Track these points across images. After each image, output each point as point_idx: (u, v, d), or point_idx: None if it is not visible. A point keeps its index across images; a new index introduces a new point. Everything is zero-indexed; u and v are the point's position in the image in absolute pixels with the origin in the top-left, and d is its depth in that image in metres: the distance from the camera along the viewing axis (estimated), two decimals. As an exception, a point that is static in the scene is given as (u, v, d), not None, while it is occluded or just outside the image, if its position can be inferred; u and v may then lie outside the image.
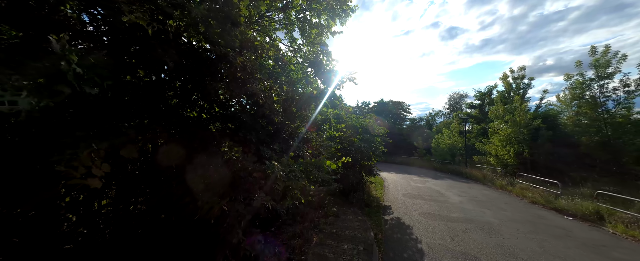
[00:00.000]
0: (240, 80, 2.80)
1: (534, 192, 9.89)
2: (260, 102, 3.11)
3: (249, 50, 2.89)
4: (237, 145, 3.11)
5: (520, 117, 13.03)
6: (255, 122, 3.42)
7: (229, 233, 2.51)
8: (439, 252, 4.83)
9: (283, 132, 4.05)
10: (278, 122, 3.79)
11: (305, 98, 4.25)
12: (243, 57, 2.81)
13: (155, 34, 1.85)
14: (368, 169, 9.85)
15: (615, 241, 5.72)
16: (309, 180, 3.53)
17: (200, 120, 3.05)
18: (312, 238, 5.14)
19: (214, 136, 2.91)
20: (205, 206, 2.42)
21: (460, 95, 43.06)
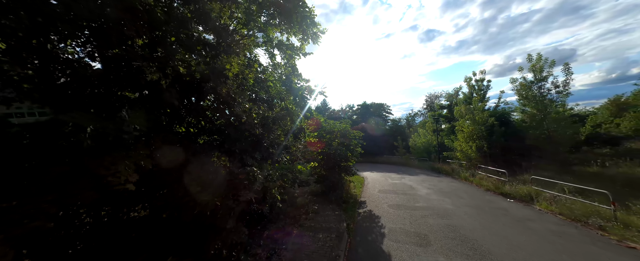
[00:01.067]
0: (227, 105, 3.68)
1: (489, 181, 11.44)
2: (243, 120, 3.99)
3: (233, 79, 3.77)
4: (224, 154, 3.96)
5: (479, 115, 14.83)
6: (239, 135, 4.28)
7: (222, 222, 3.35)
8: (397, 234, 5.90)
9: (263, 142, 4.93)
10: (258, 133, 4.67)
11: (282, 114, 5.18)
12: (227, 86, 3.69)
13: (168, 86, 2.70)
14: (346, 169, 10.89)
15: (538, 215, 7.15)
16: (283, 181, 4.43)
17: (188, 134, 3.85)
18: (293, 232, 6.02)
19: (203, 147, 3.74)
20: (202, 203, 3.25)
21: (436, 95, 46.05)
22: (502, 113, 16.79)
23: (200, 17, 2.96)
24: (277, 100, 5.41)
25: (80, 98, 2.29)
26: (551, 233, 5.69)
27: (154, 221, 3.20)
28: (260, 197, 4.00)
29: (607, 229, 5.68)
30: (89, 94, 2.34)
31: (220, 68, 3.06)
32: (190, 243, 3.34)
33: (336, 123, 11.28)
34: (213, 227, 3.35)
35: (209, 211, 3.23)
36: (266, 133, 4.68)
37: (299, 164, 5.05)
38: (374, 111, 45.46)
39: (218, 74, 3.03)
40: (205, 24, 3.08)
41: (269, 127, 4.57)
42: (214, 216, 3.33)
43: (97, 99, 2.37)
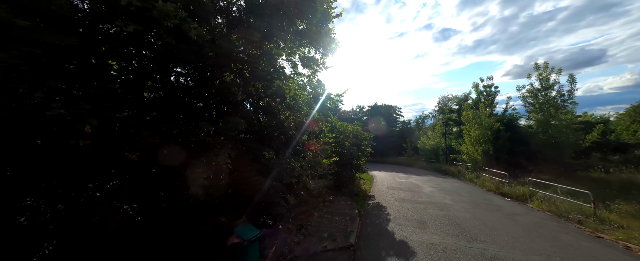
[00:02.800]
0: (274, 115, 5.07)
1: (491, 182, 12.29)
2: (286, 125, 5.37)
3: (281, 97, 5.16)
4: (269, 150, 5.36)
5: (485, 120, 15.55)
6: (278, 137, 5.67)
7: (272, 197, 4.75)
8: (400, 219, 7.11)
9: (292, 142, 6.31)
10: (291, 135, 6.05)
11: (300, 121, 6.54)
12: (276, 103, 5.09)
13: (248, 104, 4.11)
14: (357, 167, 12.14)
15: (528, 211, 8.09)
16: (312, 171, 5.79)
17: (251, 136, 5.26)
18: (314, 214, 7.38)
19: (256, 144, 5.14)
20: (258, 183, 4.65)
21: (448, 97, 46.06)
22: (509, 119, 17.35)
23: (264, 55, 4.35)
24: (306, 108, 6.78)
25: (202, 112, 3.73)
26: (533, 224, 6.69)
27: (226, 196, 4.64)
28: (296, 181, 5.36)
29: (584, 223, 6.61)
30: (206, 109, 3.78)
31: (281, 92, 4.45)
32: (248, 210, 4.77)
33: (349, 125, 12.54)
34: (264, 201, 4.75)
35: (264, 188, 4.63)
36: (298, 135, 6.06)
37: (323, 158, 6.38)
38: (384, 112, 46.09)
39: (280, 96, 4.42)
40: (268, 61, 4.47)
41: (301, 130, 5.94)
42: (267, 193, 4.73)
43: (211, 111, 3.81)
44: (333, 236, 5.75)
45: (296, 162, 5.26)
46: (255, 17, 4.43)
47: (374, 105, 47.53)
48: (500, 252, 4.97)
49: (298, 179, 5.53)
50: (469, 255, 4.87)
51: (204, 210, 3.94)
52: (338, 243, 5.42)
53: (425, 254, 4.92)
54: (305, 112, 6.97)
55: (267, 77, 4.32)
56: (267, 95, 4.47)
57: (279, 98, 4.90)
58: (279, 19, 4.55)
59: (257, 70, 4.27)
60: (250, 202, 4.75)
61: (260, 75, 4.30)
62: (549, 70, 13.51)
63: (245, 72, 4.14)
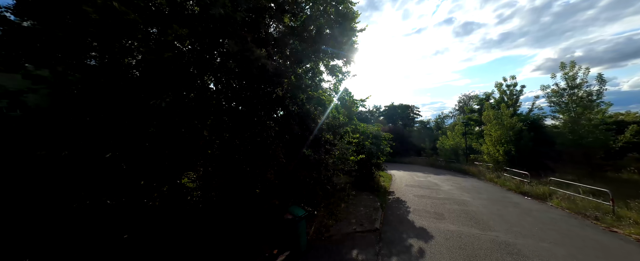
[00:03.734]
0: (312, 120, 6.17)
1: (512, 182, 12.44)
2: (321, 127, 6.44)
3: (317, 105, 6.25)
4: (308, 149, 6.46)
5: (507, 121, 15.52)
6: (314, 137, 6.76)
7: (310, 187, 5.84)
8: (419, 212, 7.89)
9: (326, 143, 7.38)
10: (324, 136, 7.12)
11: (337, 124, 7.56)
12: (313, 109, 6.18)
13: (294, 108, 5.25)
14: (377, 165, 12.95)
15: (546, 209, 8.42)
16: (343, 165, 6.82)
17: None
18: (341, 205, 8.40)
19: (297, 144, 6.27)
20: (304, 174, 5.76)
21: (470, 96, 44.67)
22: (534, 119, 17.05)
23: (308, 72, 5.46)
24: (335, 112, 7.81)
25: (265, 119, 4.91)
26: (548, 219, 7.13)
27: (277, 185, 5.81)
28: (332, 174, 6.42)
29: (601, 219, 6.93)
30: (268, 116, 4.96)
31: (318, 101, 5.53)
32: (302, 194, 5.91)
33: (369, 126, 13.37)
34: (303, 189, 5.86)
35: (303, 179, 5.74)
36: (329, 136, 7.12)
37: (351, 156, 7.38)
38: (401, 112, 45.86)
39: (317, 104, 5.50)
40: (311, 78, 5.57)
41: (334, 131, 6.99)
42: (306, 183, 5.84)
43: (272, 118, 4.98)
44: (360, 222, 6.73)
45: (329, 158, 6.30)
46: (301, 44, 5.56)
47: (390, 105, 47.48)
48: (511, 239, 5.62)
49: (330, 173, 6.58)
50: (481, 240, 5.59)
51: (264, 194, 5.13)
52: (365, 227, 6.39)
53: (442, 238, 5.72)
54: (333, 115, 8.02)
55: (307, 90, 5.40)
56: (308, 103, 5.57)
57: (315, 105, 5.99)
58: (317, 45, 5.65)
59: (301, 84, 5.38)
60: (294, 190, 5.89)
61: (303, 88, 5.41)
62: (575, 70, 13.28)
63: (293, 86, 5.27)
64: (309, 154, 6.16)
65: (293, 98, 5.18)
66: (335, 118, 7.55)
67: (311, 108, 6.16)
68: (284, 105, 5.14)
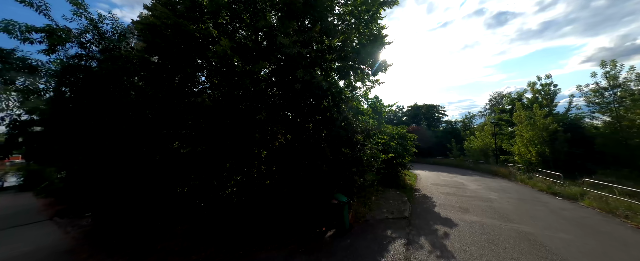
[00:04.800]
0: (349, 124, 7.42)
1: (544, 183, 12.38)
2: (356, 130, 7.67)
3: (354, 111, 7.50)
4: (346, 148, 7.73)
5: (540, 121, 15.17)
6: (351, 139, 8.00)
7: (348, 179, 7.09)
8: (445, 206, 8.70)
9: (358, 144, 8.58)
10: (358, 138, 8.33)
11: (368, 128, 8.72)
12: (350, 115, 7.43)
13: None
14: (403, 164, 13.76)
15: (576, 208, 8.63)
16: (375, 162, 7.96)
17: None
18: (372, 198, 9.52)
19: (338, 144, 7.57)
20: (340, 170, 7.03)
21: (502, 95, 42.24)
22: (571, 119, 16.33)
23: (348, 86, 6.74)
24: (366, 117, 8.97)
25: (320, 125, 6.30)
26: (575, 217, 7.49)
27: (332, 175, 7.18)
28: (364, 170, 7.60)
29: (631, 218, 7.13)
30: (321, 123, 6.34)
31: (354, 109, 6.77)
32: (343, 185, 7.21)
33: (395, 128, 14.22)
34: (343, 181, 7.13)
35: (346, 173, 7.00)
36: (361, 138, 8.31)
37: (382, 154, 8.48)
38: (425, 112, 44.96)
39: (353, 110, 6.75)
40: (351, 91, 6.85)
41: (366, 133, 8.17)
42: (345, 176, 7.09)
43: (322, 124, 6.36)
44: (391, 211, 7.82)
45: (362, 156, 7.47)
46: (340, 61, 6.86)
47: (413, 105, 46.77)
48: (531, 230, 6.29)
49: (363, 169, 7.77)
50: (503, 229, 6.34)
51: (315, 183, 6.51)
52: (395, 215, 7.47)
53: (466, 226, 6.58)
54: (365, 119, 9.19)
55: (347, 101, 6.65)
56: (346, 110, 6.83)
57: (352, 112, 7.23)
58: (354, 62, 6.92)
59: (342, 96, 6.67)
60: (337, 181, 7.20)
61: (343, 99, 6.70)
62: (617, 69, 12.73)
63: (335, 98, 6.59)
64: (347, 152, 7.43)
65: (336, 107, 6.49)
66: (366, 122, 8.71)
67: (349, 115, 7.42)
68: (330, 113, 6.47)
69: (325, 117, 6.61)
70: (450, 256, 4.80)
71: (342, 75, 7.27)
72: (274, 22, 6.82)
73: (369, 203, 8.79)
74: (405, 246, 5.24)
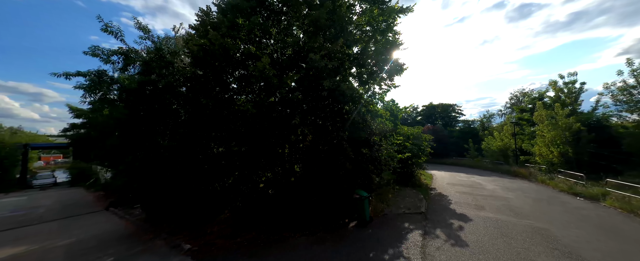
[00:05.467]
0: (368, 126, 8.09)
1: (565, 184, 12.22)
2: (374, 131, 8.32)
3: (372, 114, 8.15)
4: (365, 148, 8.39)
5: (562, 121, 14.82)
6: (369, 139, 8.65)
7: (367, 176, 7.75)
8: (460, 203, 9.07)
9: (375, 144, 9.20)
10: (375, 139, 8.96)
11: (385, 129, 9.31)
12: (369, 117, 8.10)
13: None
14: (418, 164, 14.11)
15: (596, 208, 8.64)
16: (392, 161, 8.56)
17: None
18: (389, 195, 10.09)
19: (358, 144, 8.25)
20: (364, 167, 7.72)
21: (524, 92, 40.53)
22: (597, 118, 15.77)
23: (368, 91, 7.42)
24: (383, 119, 9.57)
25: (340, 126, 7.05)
26: (593, 216, 7.60)
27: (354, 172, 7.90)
28: (381, 168, 8.23)
29: (653, 218, 7.15)
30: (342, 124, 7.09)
31: (373, 111, 7.43)
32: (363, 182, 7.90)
33: (411, 129, 14.61)
34: (362, 177, 7.80)
35: (366, 170, 7.67)
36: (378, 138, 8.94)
37: (398, 154, 9.04)
38: (441, 112, 44.13)
39: (371, 113, 7.42)
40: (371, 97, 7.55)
41: (384, 135, 8.79)
42: (365, 173, 7.76)
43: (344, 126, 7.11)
44: (408, 207, 8.37)
45: (380, 155, 8.09)
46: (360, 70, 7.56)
47: (429, 105, 46.03)
48: (545, 226, 6.59)
49: (381, 167, 8.39)
50: (517, 225, 6.70)
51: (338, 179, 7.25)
52: (412, 210, 8.02)
53: (480, 221, 7.00)
54: (380, 121, 9.78)
55: (367, 105, 7.32)
56: (366, 114, 7.50)
57: (370, 115, 7.89)
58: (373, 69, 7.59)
59: (362, 100, 7.37)
60: (358, 178, 7.89)
61: (363, 104, 7.38)
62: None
63: (355, 103, 7.30)
64: (366, 152, 8.10)
65: (356, 111, 7.20)
66: (383, 124, 9.32)
67: (368, 118, 8.09)
68: (350, 116, 7.19)
69: (347, 120, 7.34)
70: (464, 245, 5.33)
71: (361, 81, 7.96)
72: (301, 37, 7.68)
73: (387, 199, 9.37)
74: (422, 236, 5.83)
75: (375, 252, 5.04)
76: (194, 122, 6.82)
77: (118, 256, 5.53)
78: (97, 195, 14.89)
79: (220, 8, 8.11)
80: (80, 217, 10.06)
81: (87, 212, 10.95)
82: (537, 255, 4.85)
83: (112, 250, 6.00)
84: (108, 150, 7.80)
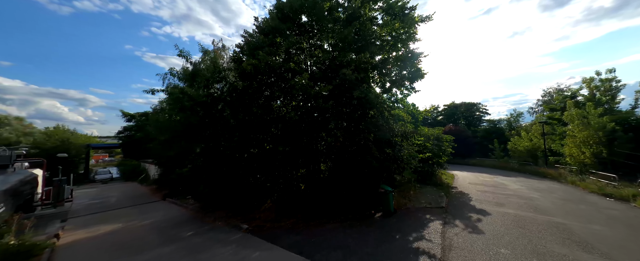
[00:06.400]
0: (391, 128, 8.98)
1: (597, 185, 11.96)
2: (396, 133, 9.19)
3: (394, 117, 9.05)
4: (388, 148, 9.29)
5: (595, 120, 14.29)
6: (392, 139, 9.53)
7: (391, 173, 8.65)
8: (480, 201, 9.57)
9: (396, 145, 10.04)
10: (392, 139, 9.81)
11: (406, 131, 10.11)
12: (391, 119, 8.99)
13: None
14: (439, 164, 14.56)
15: (626, 208, 8.64)
16: (413, 160, 9.36)
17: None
18: (410, 192, 10.85)
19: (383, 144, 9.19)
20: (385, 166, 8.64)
21: (558, 89, 37.97)
22: (638, 118, 14.91)
23: (391, 98, 8.35)
24: (404, 122, 10.36)
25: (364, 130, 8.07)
26: (621, 216, 7.74)
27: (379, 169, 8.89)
28: (403, 167, 9.10)
29: (684, 218, 7.17)
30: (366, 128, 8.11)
31: (395, 115, 8.32)
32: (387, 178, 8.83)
33: (431, 130, 15.08)
34: (386, 174, 8.70)
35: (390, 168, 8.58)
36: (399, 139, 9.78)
37: (419, 154, 9.79)
38: (465, 111, 42.73)
39: (393, 116, 8.32)
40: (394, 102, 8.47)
41: (405, 136, 9.62)
42: (389, 170, 8.66)
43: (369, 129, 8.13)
44: (429, 202, 9.12)
45: (402, 155, 8.92)
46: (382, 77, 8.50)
47: (451, 104, 44.81)
48: (565, 221, 7.00)
49: (404, 165, 9.22)
50: (535, 219, 7.18)
51: (365, 175, 8.26)
52: (433, 205, 8.76)
53: (499, 215, 7.58)
54: (402, 123, 10.58)
55: (390, 110, 8.24)
56: (389, 117, 8.43)
57: (393, 118, 8.79)
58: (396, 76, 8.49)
59: (385, 105, 8.30)
60: (381, 175, 8.83)
61: (386, 108, 8.31)
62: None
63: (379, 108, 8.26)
64: (388, 152, 9.01)
65: (380, 115, 8.16)
66: (404, 126, 10.13)
67: (390, 121, 8.99)
68: (375, 120, 8.16)
69: (372, 123, 8.33)
70: (480, 232, 6.06)
71: (384, 88, 8.89)
72: (331, 51, 8.83)
73: (408, 195, 10.15)
74: (441, 225, 6.63)
75: (400, 234, 5.99)
76: (242, 126, 8.27)
77: (195, 231, 7.08)
78: (150, 188, 17.34)
79: (260, 29, 9.55)
80: (146, 205, 12.15)
81: (149, 201, 13.09)
82: (549, 242, 5.45)
83: (186, 227, 7.61)
84: (164, 149, 9.54)
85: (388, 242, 5.55)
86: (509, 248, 5.17)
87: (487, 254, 4.90)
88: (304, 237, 6.18)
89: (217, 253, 5.34)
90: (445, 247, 5.21)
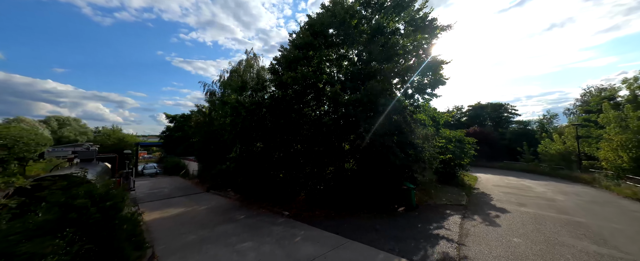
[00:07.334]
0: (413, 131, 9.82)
1: (633, 190, 11.59)
2: (418, 135, 10.00)
3: (416, 122, 9.89)
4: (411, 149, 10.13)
5: (634, 123, 13.64)
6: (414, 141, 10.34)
7: (413, 172, 9.49)
8: (502, 201, 10.00)
9: (419, 147, 10.81)
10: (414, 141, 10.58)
11: (428, 134, 10.83)
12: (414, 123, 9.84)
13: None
14: (461, 165, 14.89)
15: (657, 212, 8.58)
16: (435, 163, 10.10)
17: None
18: (431, 191, 11.53)
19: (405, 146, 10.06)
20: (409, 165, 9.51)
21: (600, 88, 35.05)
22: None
23: (414, 104, 9.24)
24: (424, 126, 11.10)
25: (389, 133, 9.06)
26: (646, 217, 7.83)
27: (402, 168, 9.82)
28: (425, 167, 9.87)
29: None
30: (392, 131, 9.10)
31: (417, 119, 9.18)
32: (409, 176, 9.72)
33: (453, 132, 15.44)
34: (409, 172, 9.56)
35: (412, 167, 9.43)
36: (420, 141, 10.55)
37: (440, 155, 10.48)
38: (491, 112, 41.02)
39: (416, 121, 9.18)
40: (417, 107, 9.35)
41: (426, 139, 10.39)
42: (412, 169, 9.51)
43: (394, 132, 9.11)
44: (450, 200, 9.80)
45: (424, 156, 9.71)
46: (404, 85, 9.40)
47: (476, 104, 43.26)
48: (583, 220, 7.35)
49: (425, 166, 10.00)
50: (553, 218, 7.61)
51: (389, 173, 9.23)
52: (453, 203, 9.44)
53: (517, 213, 8.09)
54: (423, 126, 11.32)
55: (413, 115, 9.11)
56: (412, 123, 9.31)
57: (414, 122, 9.64)
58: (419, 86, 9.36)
59: (409, 112, 9.20)
60: (404, 173, 9.72)
61: (410, 114, 9.20)
62: None
63: (402, 113, 9.16)
64: (410, 153, 9.86)
65: (403, 119, 9.08)
66: (425, 128, 10.87)
67: (412, 124, 9.85)
68: (398, 124, 9.10)
69: (395, 126, 9.27)
70: (496, 226, 6.75)
71: (407, 95, 9.77)
72: (357, 63, 9.93)
73: (430, 193, 10.87)
74: (460, 218, 7.40)
75: (422, 224, 6.90)
76: (279, 128, 9.69)
77: (246, 215, 8.60)
78: (193, 182, 19.72)
79: (293, 44, 10.95)
80: (195, 195, 14.18)
81: (196, 192, 15.18)
82: (562, 236, 6.02)
83: (237, 213, 9.18)
84: (205, 147, 11.25)
85: (411, 229, 6.51)
86: (522, 238, 5.86)
87: (500, 241, 5.67)
88: (338, 222, 7.34)
89: (272, 230, 6.71)
90: (462, 234, 6.05)
